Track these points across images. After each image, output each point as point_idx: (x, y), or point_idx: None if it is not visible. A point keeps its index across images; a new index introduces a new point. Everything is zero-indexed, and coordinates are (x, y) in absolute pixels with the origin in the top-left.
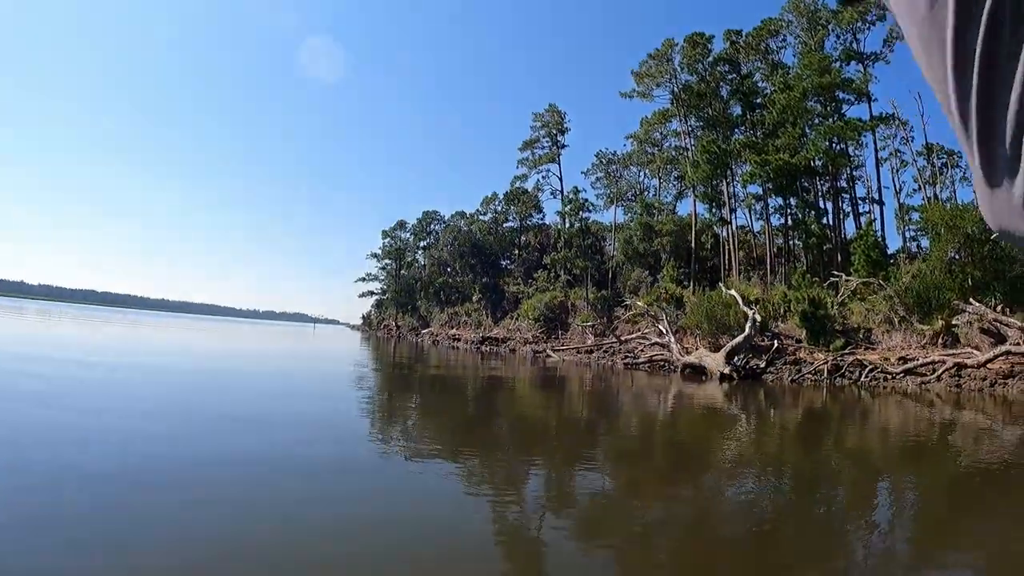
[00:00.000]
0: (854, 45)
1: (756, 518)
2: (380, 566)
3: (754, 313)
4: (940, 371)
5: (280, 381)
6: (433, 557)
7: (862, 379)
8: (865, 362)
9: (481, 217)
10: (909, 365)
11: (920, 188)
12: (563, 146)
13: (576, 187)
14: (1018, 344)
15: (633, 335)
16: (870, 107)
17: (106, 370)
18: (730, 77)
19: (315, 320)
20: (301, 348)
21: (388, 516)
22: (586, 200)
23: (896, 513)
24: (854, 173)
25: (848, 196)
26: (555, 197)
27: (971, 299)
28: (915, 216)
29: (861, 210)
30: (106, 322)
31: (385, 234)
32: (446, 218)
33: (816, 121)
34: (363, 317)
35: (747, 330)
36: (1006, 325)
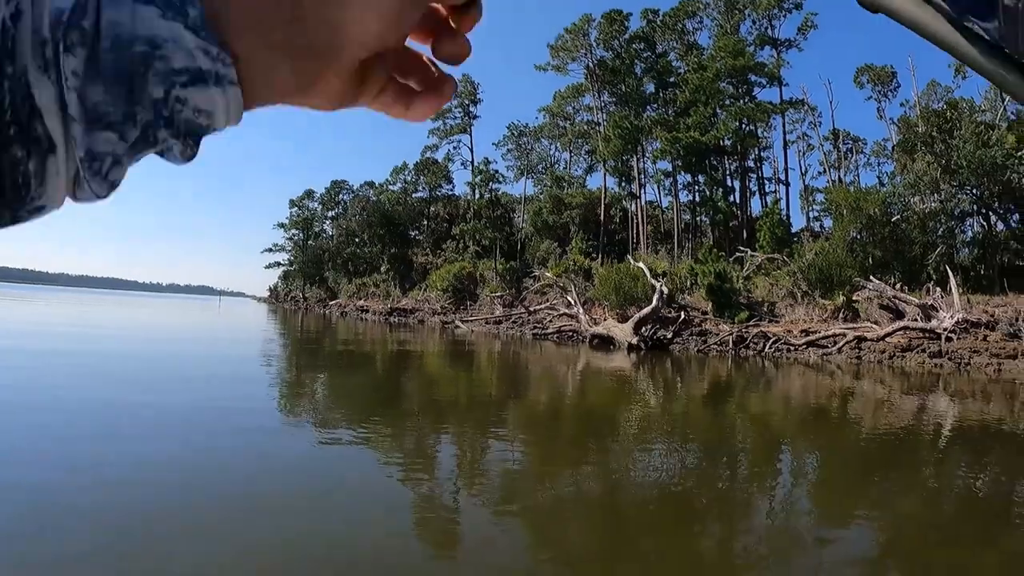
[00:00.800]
0: (769, 31)
1: (663, 484)
2: (291, 541)
3: (662, 285)
4: (841, 344)
5: (175, 363)
6: (343, 530)
7: (766, 350)
8: (769, 334)
9: (391, 187)
10: (812, 337)
11: (825, 171)
12: (475, 117)
13: (487, 158)
14: (915, 320)
15: (542, 306)
16: (781, 91)
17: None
18: (645, 55)
19: (220, 293)
20: (203, 324)
21: (299, 492)
22: (496, 171)
23: (796, 478)
24: (762, 154)
25: (755, 176)
26: (465, 168)
27: (871, 276)
28: (819, 197)
29: (767, 189)
30: (24, 299)
31: (292, 203)
32: (355, 188)
33: (727, 102)
34: (270, 289)
35: (655, 302)
36: (904, 302)
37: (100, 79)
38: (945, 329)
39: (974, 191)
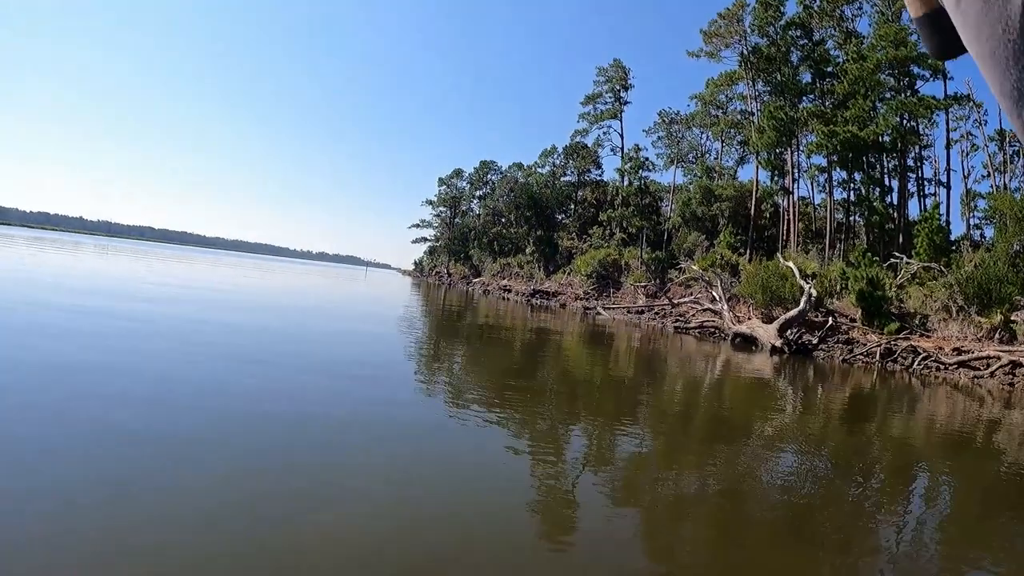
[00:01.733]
0: None
1: (787, 498)
2: (417, 508)
3: (810, 287)
4: (994, 367)
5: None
6: (467, 507)
7: (914, 366)
8: (919, 349)
9: (539, 170)
10: (963, 357)
11: (989, 175)
12: (626, 103)
13: (637, 145)
14: None
15: (685, 299)
16: (945, 85)
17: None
18: (801, 43)
19: (367, 263)
20: (355, 293)
21: (431, 463)
22: (646, 159)
23: (928, 508)
24: (922, 153)
25: (915, 176)
26: (615, 154)
27: None
28: (982, 203)
29: (926, 191)
30: (165, 258)
31: (441, 181)
32: (503, 169)
33: (888, 95)
34: (415, 263)
35: (802, 304)
36: None
37: None
38: None
39: None
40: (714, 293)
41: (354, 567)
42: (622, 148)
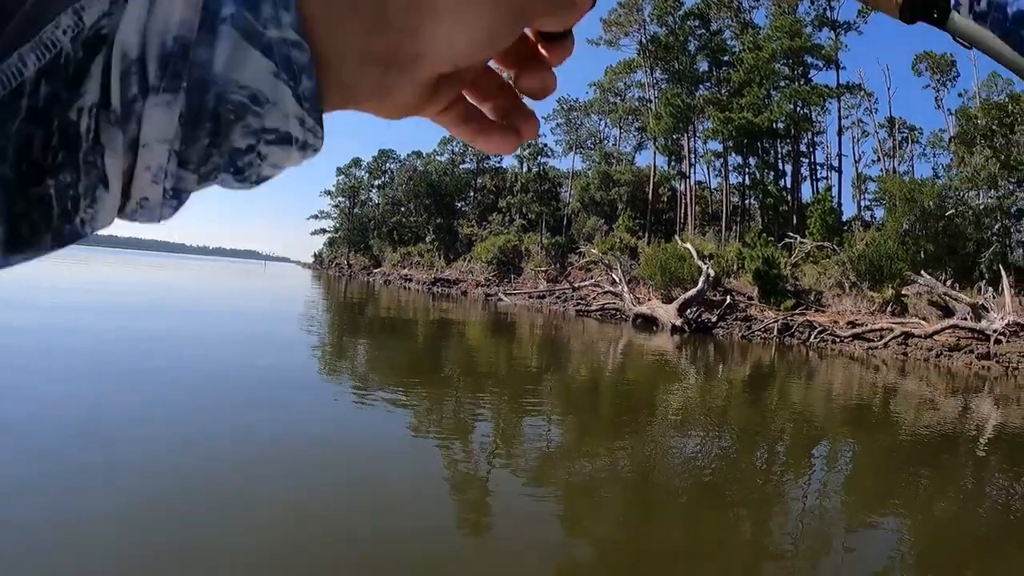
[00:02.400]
0: (828, 12)
1: (695, 470)
2: (329, 502)
3: (708, 268)
4: (888, 338)
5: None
6: (379, 500)
7: (811, 340)
8: (815, 323)
9: (438, 158)
10: (858, 330)
11: (879, 159)
12: None
13: None
14: (965, 319)
15: (586, 282)
16: (838, 75)
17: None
18: (699, 32)
19: (266, 258)
20: (251, 288)
21: (337, 458)
22: (545, 145)
23: (830, 473)
24: (815, 139)
25: (807, 161)
26: None
27: (923, 271)
28: (872, 186)
29: (819, 176)
30: (61, 261)
31: (340, 171)
32: (402, 157)
33: (782, 84)
34: (315, 255)
35: (700, 284)
36: (955, 300)
37: (187, 120)
38: (995, 331)
39: None
40: (614, 276)
41: (279, 562)
42: None
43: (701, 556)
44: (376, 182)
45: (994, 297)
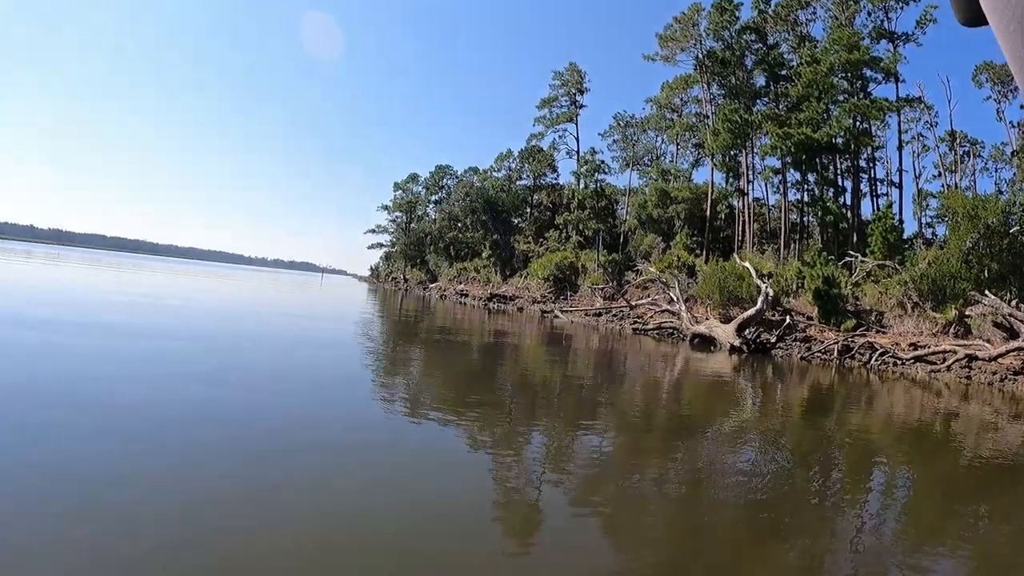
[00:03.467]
0: (885, 24)
1: (749, 494)
2: (384, 516)
3: (767, 287)
4: (951, 361)
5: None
6: (431, 515)
7: (872, 362)
8: (876, 345)
9: (495, 174)
10: (920, 352)
11: (940, 175)
12: (581, 106)
13: (592, 148)
14: None
15: (643, 300)
16: (897, 88)
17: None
18: (756, 47)
19: (323, 270)
20: (311, 302)
21: (391, 473)
22: (602, 162)
23: (888, 499)
24: (875, 154)
25: (867, 176)
26: (570, 157)
27: (987, 291)
28: (933, 203)
29: (879, 191)
30: (124, 268)
31: (397, 186)
32: (459, 173)
33: (841, 98)
34: (371, 269)
35: (759, 303)
36: (1020, 320)
37: None
38: None
39: None
40: (671, 294)
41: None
42: (577, 151)
43: None
44: (433, 197)
45: None
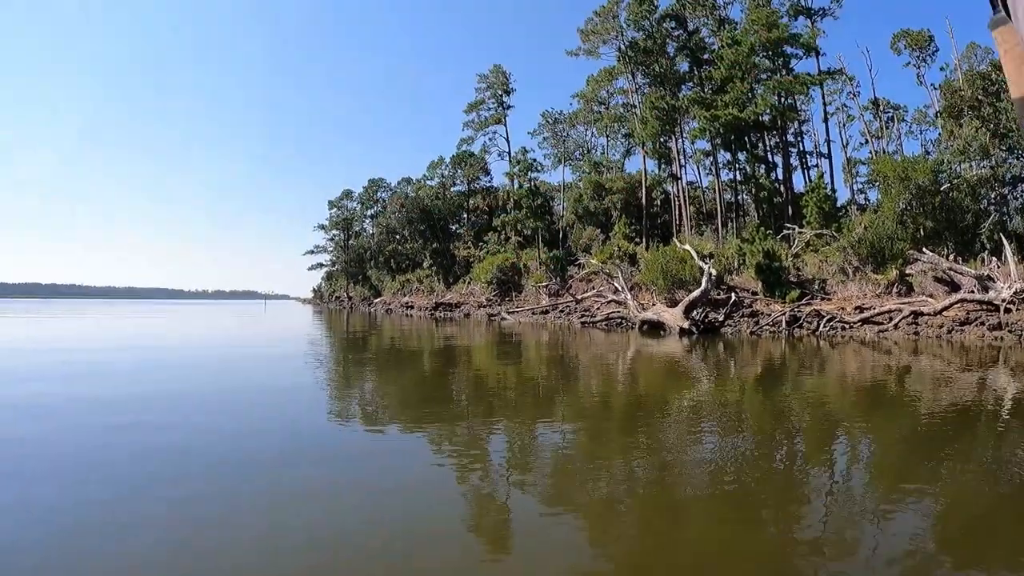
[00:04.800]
0: (802, 1)
1: (718, 470)
2: (349, 538)
3: (709, 267)
4: (897, 319)
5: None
6: (400, 529)
7: (820, 329)
8: (822, 312)
9: (428, 182)
10: (866, 314)
11: (867, 142)
12: (509, 107)
13: (523, 147)
14: (972, 292)
15: (588, 293)
16: (818, 62)
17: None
18: (677, 33)
19: (265, 296)
20: (249, 332)
21: (354, 490)
22: (534, 160)
23: (853, 457)
24: (802, 128)
25: (796, 150)
26: (502, 159)
27: (924, 248)
28: (863, 169)
29: (809, 164)
30: (59, 315)
31: (331, 204)
32: (392, 185)
33: (764, 76)
34: (313, 290)
35: (703, 284)
36: (960, 273)
37: None
38: (1003, 300)
39: None
40: (616, 284)
41: None
42: (509, 152)
43: (728, 556)
44: (368, 212)
45: (998, 266)
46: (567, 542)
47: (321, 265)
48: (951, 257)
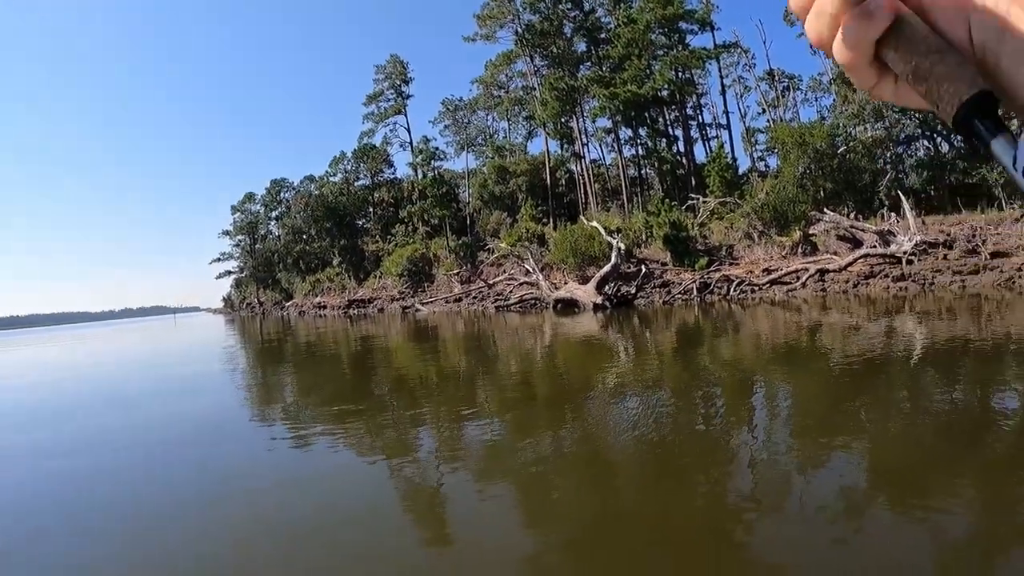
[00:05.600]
0: None
1: (643, 438)
2: (288, 544)
3: (618, 241)
4: (804, 278)
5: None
6: (336, 530)
7: (731, 293)
8: (732, 277)
9: (332, 179)
10: (774, 276)
11: (764, 111)
12: (408, 96)
13: (425, 136)
14: (874, 247)
15: (500, 277)
16: (713, 36)
17: None
18: (573, 14)
19: (175, 310)
20: (158, 351)
21: (284, 495)
22: (436, 149)
23: (775, 412)
24: (700, 101)
25: (696, 123)
26: (404, 149)
27: (825, 209)
28: (761, 138)
29: (710, 135)
30: None
31: (235, 209)
32: (295, 184)
33: (661, 52)
34: (224, 299)
35: (613, 259)
36: (861, 230)
37: None
38: (905, 252)
39: (917, 115)
40: (527, 266)
41: None
42: (411, 142)
43: (661, 520)
44: (273, 214)
45: (898, 221)
46: (504, 523)
47: (229, 272)
48: (852, 215)
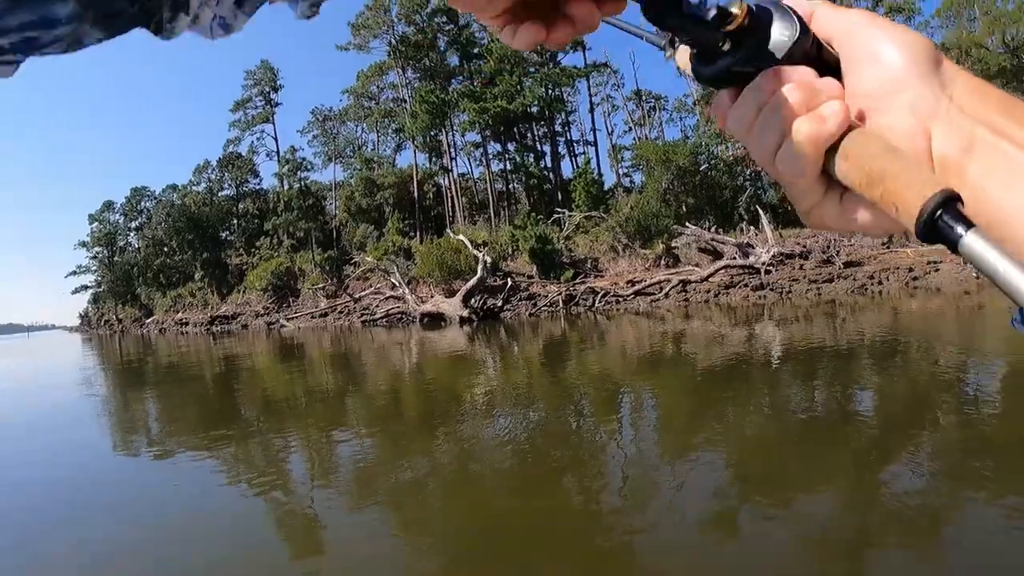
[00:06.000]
0: None
1: (516, 452)
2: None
3: (484, 255)
4: (667, 289)
5: None
6: (194, 552)
7: (596, 305)
8: (597, 289)
9: (195, 188)
10: (638, 287)
11: (631, 129)
12: (277, 104)
13: (292, 146)
14: (734, 258)
15: (366, 292)
16: (584, 55)
17: None
18: (447, 28)
19: (29, 328)
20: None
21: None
22: (303, 159)
23: (643, 419)
24: (569, 118)
25: (564, 139)
26: (271, 159)
27: (687, 223)
28: (627, 155)
29: (577, 152)
30: None
31: (92, 218)
32: (157, 193)
33: (532, 69)
34: (80, 315)
35: (479, 272)
36: (721, 243)
37: None
38: (763, 263)
39: None
40: (393, 280)
41: None
42: (278, 152)
43: (537, 530)
44: (133, 224)
45: (757, 234)
46: (378, 534)
47: (86, 287)
48: (713, 229)
